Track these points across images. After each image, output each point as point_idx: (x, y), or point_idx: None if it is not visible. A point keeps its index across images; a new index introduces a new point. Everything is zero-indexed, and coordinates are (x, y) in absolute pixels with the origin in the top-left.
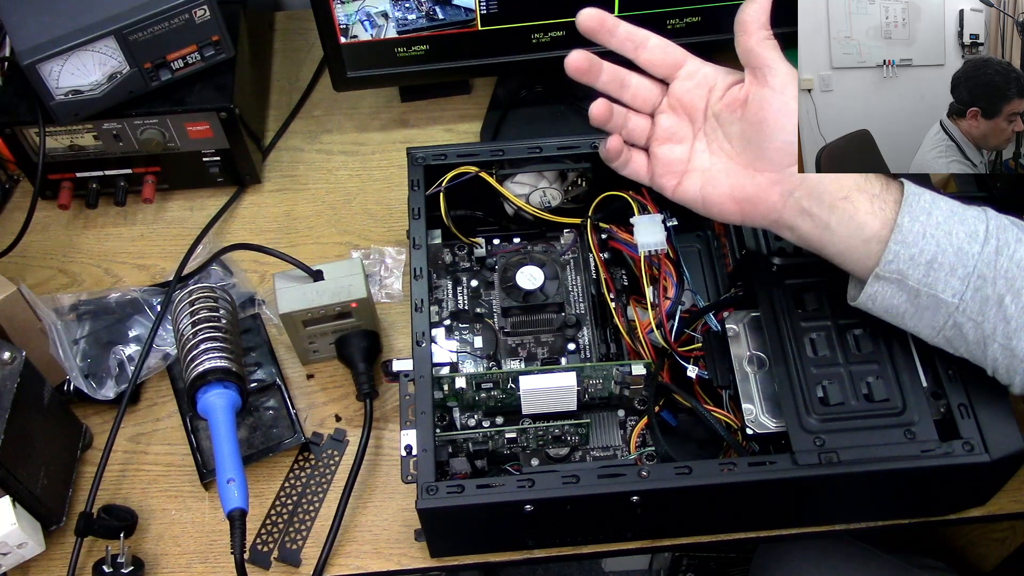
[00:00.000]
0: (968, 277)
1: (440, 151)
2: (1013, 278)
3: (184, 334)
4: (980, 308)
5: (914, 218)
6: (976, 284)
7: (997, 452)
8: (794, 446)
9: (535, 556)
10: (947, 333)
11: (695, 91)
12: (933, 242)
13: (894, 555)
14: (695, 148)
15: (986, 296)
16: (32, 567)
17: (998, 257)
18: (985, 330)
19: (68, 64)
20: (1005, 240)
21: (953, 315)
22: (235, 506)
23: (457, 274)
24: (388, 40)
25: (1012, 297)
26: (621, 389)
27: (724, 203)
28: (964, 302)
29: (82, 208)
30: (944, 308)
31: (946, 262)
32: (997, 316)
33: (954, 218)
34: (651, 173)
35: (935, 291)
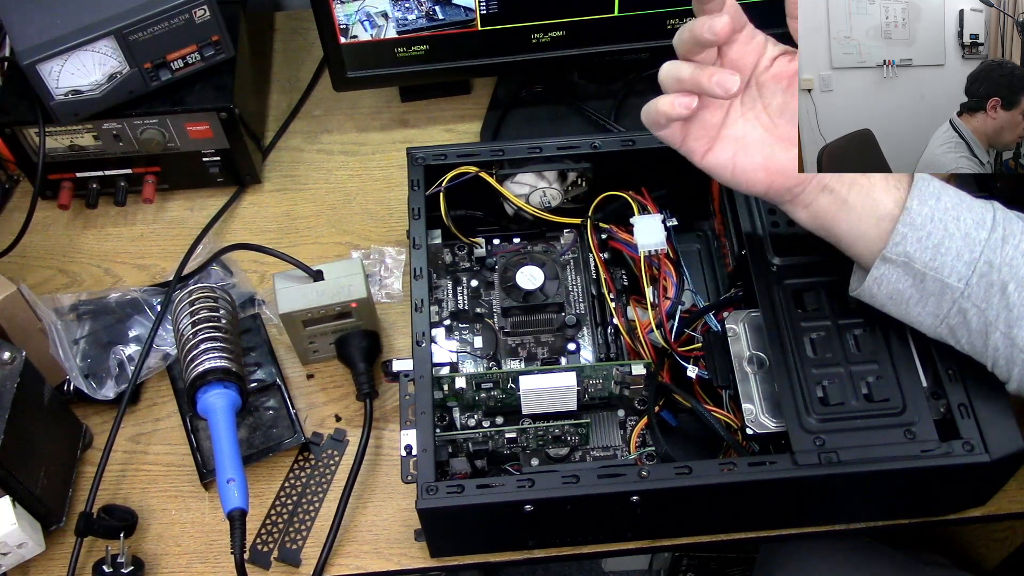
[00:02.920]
0: (974, 262)
1: (440, 151)
2: (1018, 267)
3: (184, 334)
4: (984, 294)
5: (923, 201)
6: (982, 270)
7: (997, 452)
8: (794, 446)
9: (535, 556)
10: (951, 321)
11: (747, 57)
12: (941, 226)
13: (899, 550)
14: (730, 115)
15: (991, 283)
16: (32, 567)
17: (1004, 245)
18: (988, 317)
19: (68, 64)
20: (1011, 230)
21: (958, 301)
22: (235, 506)
23: (457, 274)
24: (388, 40)
25: (1016, 285)
26: (621, 389)
27: (755, 172)
28: (970, 287)
29: (82, 208)
30: (949, 293)
31: (953, 246)
32: (1000, 303)
33: (962, 205)
34: (684, 136)
35: (941, 275)
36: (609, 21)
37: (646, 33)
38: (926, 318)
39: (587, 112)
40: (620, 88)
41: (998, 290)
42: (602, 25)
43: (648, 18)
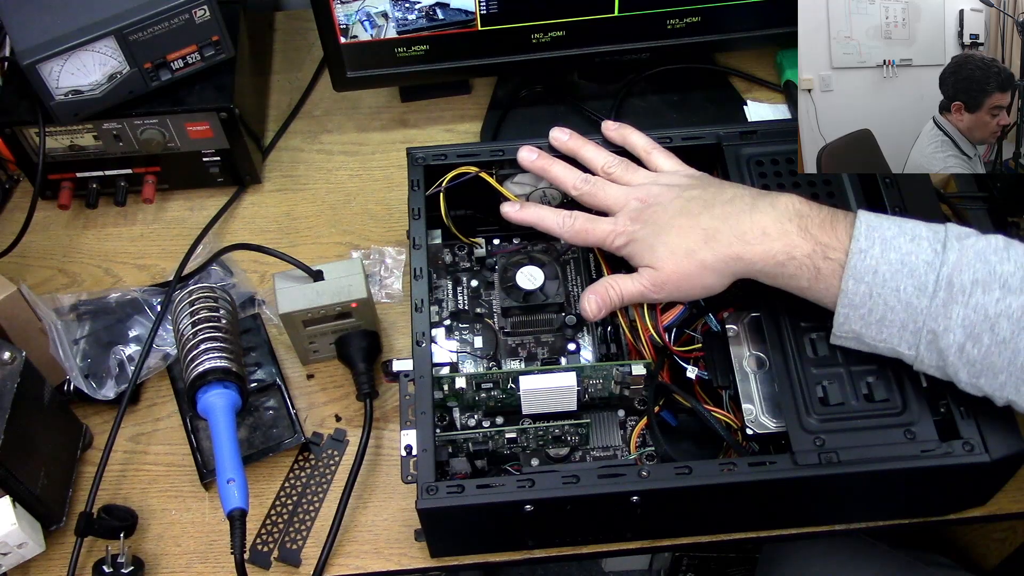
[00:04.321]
0: (919, 331)
1: (440, 151)
2: (972, 324)
3: (184, 334)
4: (939, 357)
5: (859, 280)
6: (927, 339)
7: (997, 452)
8: (794, 446)
9: (535, 556)
10: (921, 372)
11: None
12: (881, 301)
13: (900, 550)
14: None
15: (941, 348)
16: (32, 567)
17: (949, 307)
18: (949, 373)
19: (68, 64)
20: (960, 285)
21: (915, 363)
22: (235, 506)
23: (457, 274)
24: (388, 40)
25: (973, 343)
26: (621, 389)
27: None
28: (920, 354)
29: (82, 208)
30: (906, 358)
31: (896, 319)
32: (960, 361)
33: (904, 270)
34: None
35: (892, 345)
36: (609, 21)
37: (646, 33)
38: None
39: (587, 112)
40: (620, 88)
41: (955, 351)
42: (602, 25)
43: (648, 18)
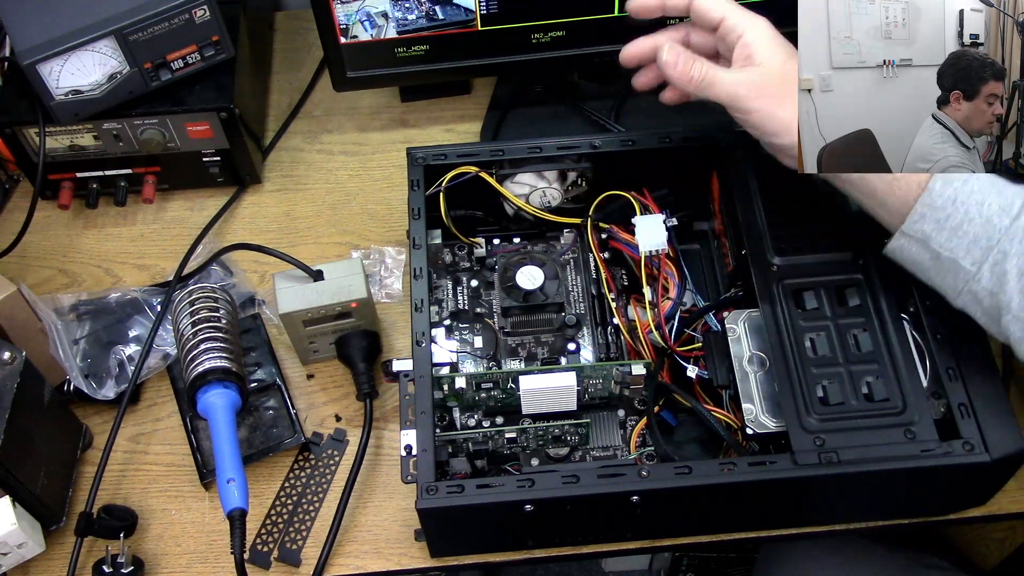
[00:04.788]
0: (990, 249)
1: (440, 151)
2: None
3: (184, 334)
4: (998, 280)
5: (947, 182)
6: (996, 258)
7: (997, 452)
8: (794, 446)
9: (535, 556)
10: (965, 298)
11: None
12: (963, 209)
13: (900, 552)
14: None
15: (1004, 271)
16: (32, 567)
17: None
18: (1000, 300)
19: (68, 64)
20: None
21: (969, 283)
22: (235, 506)
23: (457, 274)
24: (388, 40)
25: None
26: (621, 389)
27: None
28: (982, 272)
29: (82, 208)
30: (963, 274)
31: (971, 231)
32: (1015, 288)
33: (993, 189)
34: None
35: (956, 256)
36: (609, 21)
37: (646, 33)
38: (945, 290)
39: (587, 112)
40: (620, 88)
41: (1014, 276)
42: (602, 25)
43: None
